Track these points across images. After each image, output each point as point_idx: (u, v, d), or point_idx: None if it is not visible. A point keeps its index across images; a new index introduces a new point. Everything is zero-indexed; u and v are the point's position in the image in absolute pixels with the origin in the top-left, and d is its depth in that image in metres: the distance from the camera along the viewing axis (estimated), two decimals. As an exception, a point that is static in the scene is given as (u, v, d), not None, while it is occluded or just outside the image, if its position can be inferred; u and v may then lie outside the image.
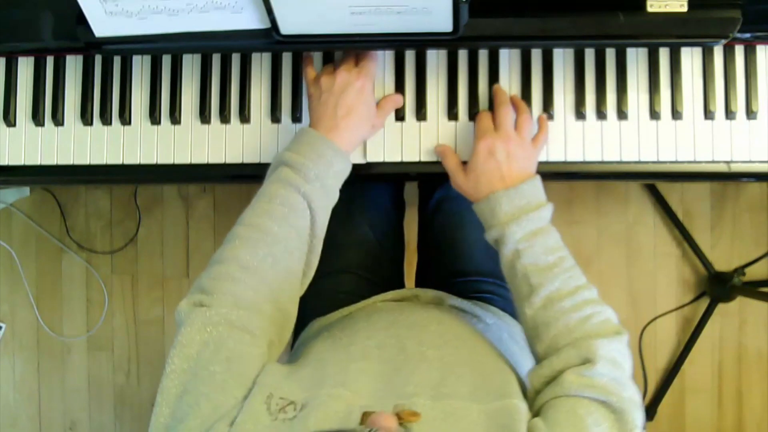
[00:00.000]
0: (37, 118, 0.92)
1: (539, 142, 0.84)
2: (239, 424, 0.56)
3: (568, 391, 0.63)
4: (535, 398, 0.67)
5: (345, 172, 0.80)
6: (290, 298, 0.74)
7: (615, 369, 0.66)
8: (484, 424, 0.59)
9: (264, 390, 0.60)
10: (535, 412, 0.64)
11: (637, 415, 0.62)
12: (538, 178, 0.79)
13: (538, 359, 0.73)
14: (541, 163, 0.87)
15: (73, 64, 0.93)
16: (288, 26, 0.79)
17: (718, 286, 1.67)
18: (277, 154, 0.78)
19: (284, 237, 0.73)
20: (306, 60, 0.88)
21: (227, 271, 0.69)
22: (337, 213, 0.83)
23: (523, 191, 0.77)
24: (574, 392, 0.63)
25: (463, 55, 0.88)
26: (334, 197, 0.79)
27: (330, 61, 0.89)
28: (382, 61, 0.89)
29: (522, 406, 0.61)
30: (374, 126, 0.84)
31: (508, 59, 0.88)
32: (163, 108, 0.91)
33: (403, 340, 0.74)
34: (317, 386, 0.62)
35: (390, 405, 0.59)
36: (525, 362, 0.82)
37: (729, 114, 0.86)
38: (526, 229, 0.75)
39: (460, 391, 0.65)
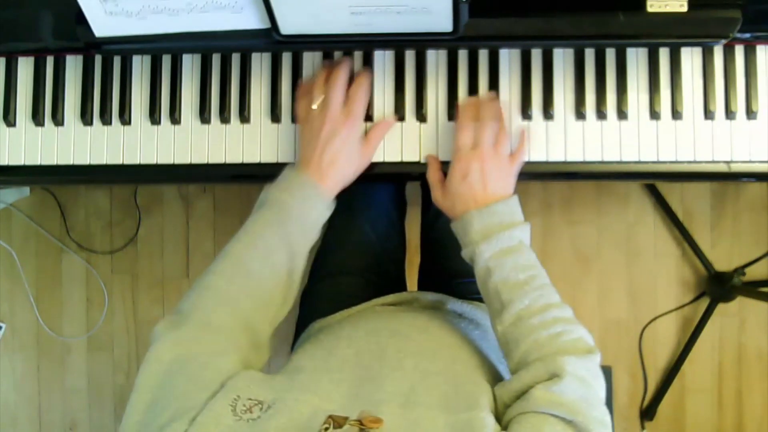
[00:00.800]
0: (37, 118, 0.92)
1: (517, 159, 0.83)
2: (199, 423, 0.57)
3: (534, 407, 0.63)
4: (504, 412, 0.67)
5: (326, 215, 0.82)
6: (266, 326, 0.76)
7: (583, 387, 0.65)
8: None
9: (231, 393, 0.60)
10: (504, 426, 0.63)
11: None
12: (513, 198, 0.79)
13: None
14: (541, 163, 0.87)
15: (73, 64, 0.93)
16: (288, 26, 0.79)
17: (718, 286, 1.67)
18: (265, 189, 0.80)
19: (261, 272, 0.75)
20: (298, 95, 0.86)
21: (204, 299, 0.72)
22: (338, 214, 0.84)
23: (495, 211, 0.77)
24: (542, 409, 0.63)
25: (463, 55, 0.88)
26: (314, 237, 0.81)
27: (329, 63, 0.89)
28: (382, 61, 0.89)
29: (489, 420, 0.61)
30: (360, 167, 0.84)
31: (508, 59, 0.88)
32: (163, 108, 0.91)
33: (384, 347, 0.74)
34: (287, 390, 0.63)
35: (357, 411, 0.58)
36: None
37: (729, 114, 0.86)
38: (496, 248, 0.76)
39: (429, 400, 0.65)
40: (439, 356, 0.75)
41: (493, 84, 0.87)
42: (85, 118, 0.92)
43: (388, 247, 1.08)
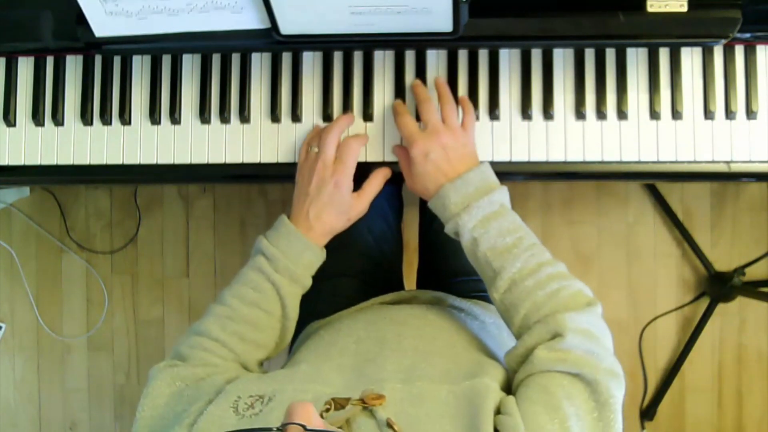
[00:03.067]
0: (37, 118, 0.92)
1: (468, 124, 0.83)
2: (200, 428, 0.58)
3: (539, 367, 0.63)
4: (513, 380, 0.67)
5: (316, 263, 0.83)
6: (257, 363, 0.80)
7: (587, 341, 0.65)
8: (453, 403, 0.59)
9: (231, 395, 0.62)
10: (514, 393, 0.63)
11: (613, 384, 0.61)
12: (484, 165, 0.79)
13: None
14: (541, 163, 0.87)
15: (73, 64, 0.93)
16: (288, 26, 0.79)
17: (718, 286, 1.67)
18: (258, 239, 0.82)
19: (253, 318, 0.79)
20: (304, 142, 0.86)
21: (200, 342, 0.76)
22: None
23: (468, 179, 0.77)
24: (546, 367, 0.63)
25: (463, 55, 0.88)
26: (305, 284, 0.82)
27: (329, 66, 0.89)
28: (382, 61, 0.89)
29: (492, 385, 0.61)
30: (350, 219, 0.85)
31: (508, 59, 0.88)
32: (163, 108, 0.91)
33: (383, 333, 0.75)
34: (288, 382, 0.64)
35: (359, 392, 0.59)
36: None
37: (729, 114, 0.86)
38: (478, 216, 0.75)
39: (431, 374, 0.65)
40: (438, 339, 0.76)
41: (493, 84, 0.87)
42: (85, 118, 0.92)
43: (386, 248, 1.08)
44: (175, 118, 0.91)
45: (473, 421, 0.56)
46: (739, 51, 0.86)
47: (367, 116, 0.88)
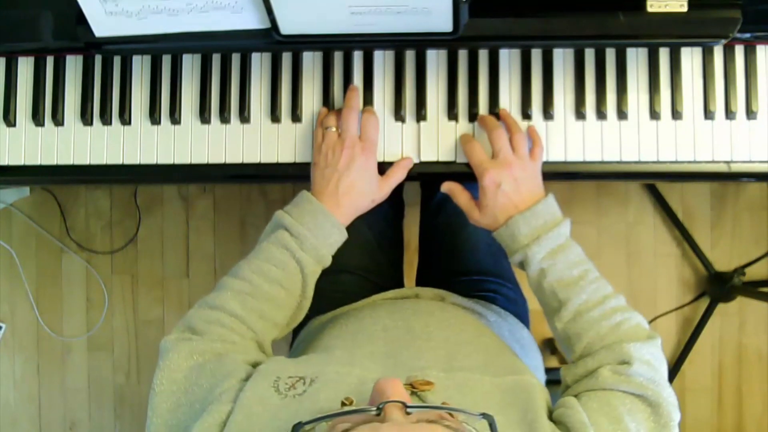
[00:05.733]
0: (37, 118, 0.92)
1: (537, 155, 0.83)
2: (244, 406, 0.57)
3: (603, 384, 0.64)
4: (565, 392, 0.68)
5: (339, 243, 0.82)
6: (270, 343, 0.78)
7: (650, 370, 0.66)
8: (499, 395, 0.60)
9: (270, 375, 0.61)
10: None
11: (674, 410, 0.63)
12: (551, 197, 0.80)
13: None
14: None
15: (73, 64, 0.93)
16: (288, 26, 0.79)
17: (718, 286, 1.67)
18: (279, 214, 0.80)
19: (274, 296, 0.77)
20: (318, 125, 0.86)
21: (217, 317, 0.73)
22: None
23: (538, 212, 0.78)
24: (610, 386, 0.64)
25: (463, 55, 0.88)
26: (326, 264, 0.82)
27: (329, 66, 0.89)
28: (382, 61, 0.89)
29: (537, 382, 0.62)
30: (374, 200, 0.84)
31: (508, 59, 0.88)
32: (163, 108, 0.91)
33: (409, 322, 0.76)
34: (325, 365, 0.64)
35: (402, 378, 0.59)
36: (526, 362, 0.82)
37: (729, 114, 0.86)
38: (547, 248, 0.77)
39: (470, 365, 0.66)
40: (464, 330, 0.77)
41: (493, 84, 0.87)
42: (85, 118, 0.92)
43: (386, 246, 1.08)
44: (175, 118, 0.91)
45: (525, 414, 0.57)
46: (739, 51, 0.86)
47: (367, 116, 0.88)
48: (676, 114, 0.86)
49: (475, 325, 0.81)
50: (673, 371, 1.70)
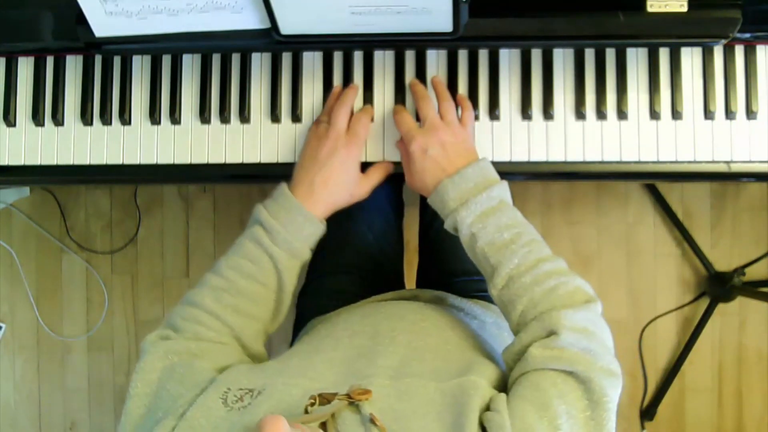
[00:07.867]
0: (37, 118, 0.92)
1: (466, 120, 0.83)
2: (189, 418, 0.58)
3: (533, 365, 0.62)
4: (509, 378, 0.66)
5: (315, 235, 0.81)
6: (254, 338, 0.78)
7: (584, 338, 0.64)
8: (439, 400, 0.58)
9: (221, 386, 0.61)
10: (509, 391, 0.62)
11: (608, 383, 0.60)
12: (483, 160, 0.79)
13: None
14: (541, 163, 0.87)
15: (73, 64, 0.93)
16: (288, 26, 0.79)
17: (718, 286, 1.67)
18: (257, 209, 0.80)
19: (249, 291, 0.77)
20: (314, 123, 0.87)
21: (194, 314, 0.74)
22: (335, 213, 0.84)
23: (467, 175, 0.77)
24: (540, 365, 0.62)
25: (463, 55, 0.88)
26: (303, 257, 0.81)
27: (329, 66, 0.89)
28: (382, 61, 0.89)
29: (480, 382, 0.60)
30: (353, 195, 0.84)
31: (508, 59, 0.88)
32: (163, 108, 0.91)
33: (377, 327, 0.75)
34: (277, 375, 0.64)
35: (347, 387, 0.58)
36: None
37: (729, 114, 0.86)
38: (477, 211, 0.75)
39: (420, 371, 0.65)
40: (432, 335, 0.75)
41: (493, 84, 0.87)
42: (85, 118, 0.92)
43: (386, 247, 1.08)
44: (175, 118, 0.91)
45: (458, 418, 0.55)
46: (739, 51, 0.86)
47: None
48: (676, 114, 0.86)
49: (448, 329, 0.78)
50: (673, 371, 1.70)
